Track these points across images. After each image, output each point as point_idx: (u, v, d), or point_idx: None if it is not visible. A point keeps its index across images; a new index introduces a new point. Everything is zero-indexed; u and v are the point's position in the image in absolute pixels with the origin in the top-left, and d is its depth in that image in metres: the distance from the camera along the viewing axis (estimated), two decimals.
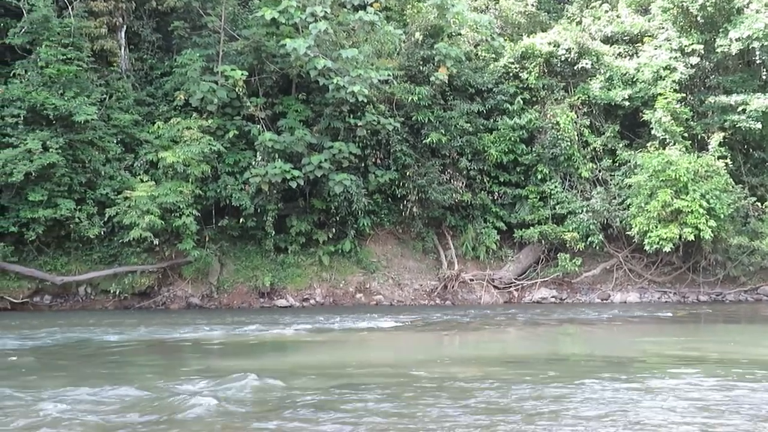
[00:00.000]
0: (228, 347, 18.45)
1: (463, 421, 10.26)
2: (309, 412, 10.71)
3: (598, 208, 29.88)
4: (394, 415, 10.51)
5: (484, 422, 10.16)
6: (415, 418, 10.35)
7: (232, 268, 28.59)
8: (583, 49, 31.43)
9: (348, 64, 27.28)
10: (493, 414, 10.62)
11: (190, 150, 26.27)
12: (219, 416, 10.44)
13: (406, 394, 11.92)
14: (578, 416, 10.51)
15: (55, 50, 26.47)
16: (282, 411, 10.81)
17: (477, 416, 10.47)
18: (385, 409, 10.92)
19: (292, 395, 11.85)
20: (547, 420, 10.31)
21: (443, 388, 12.46)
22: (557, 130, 30.40)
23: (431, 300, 29.57)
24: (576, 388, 12.45)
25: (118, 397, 11.67)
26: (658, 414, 10.64)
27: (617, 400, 11.54)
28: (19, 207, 25.45)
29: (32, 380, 13.12)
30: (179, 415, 10.49)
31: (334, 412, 10.73)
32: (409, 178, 29.85)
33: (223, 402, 11.12)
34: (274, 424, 10.07)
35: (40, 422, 10.10)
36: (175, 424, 10.08)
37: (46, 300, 26.58)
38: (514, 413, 10.67)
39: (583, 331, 22.62)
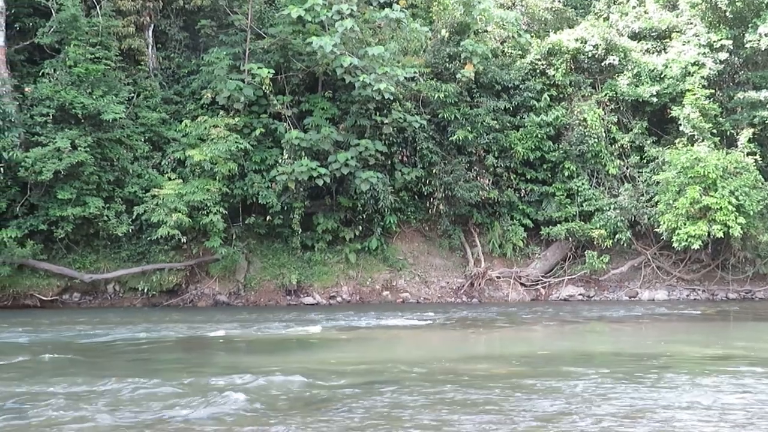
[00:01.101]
0: (255, 344, 18.51)
1: (488, 418, 10.23)
2: (335, 409, 10.73)
3: (626, 205, 29.68)
4: (419, 413, 10.50)
5: (509, 420, 10.13)
6: (440, 416, 10.34)
7: (259, 265, 28.68)
8: (611, 45, 31.21)
9: (374, 62, 27.28)
10: (519, 411, 10.59)
11: (217, 148, 26.37)
12: (246, 413, 10.49)
13: (431, 392, 11.89)
14: (604, 414, 10.46)
15: (83, 49, 26.68)
16: (308, 408, 10.84)
17: (501, 414, 10.45)
18: (411, 406, 10.91)
19: (319, 392, 11.88)
20: (573, 418, 10.26)
21: (469, 385, 12.42)
22: (584, 127, 30.21)
23: (458, 297, 29.51)
24: (603, 386, 12.38)
25: (147, 393, 11.74)
26: (685, 414, 10.56)
27: (644, 399, 11.46)
28: (48, 205, 25.68)
29: (63, 377, 13.21)
30: (207, 411, 10.54)
31: (361, 409, 10.73)
32: (436, 176, 29.80)
33: (250, 399, 11.15)
34: (300, 420, 10.09)
35: (70, 417, 10.18)
36: (202, 420, 10.13)
37: (75, 297, 26.81)
38: (540, 411, 10.64)
39: (610, 329, 22.49)
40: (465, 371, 14.11)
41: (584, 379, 12.96)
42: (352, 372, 13.97)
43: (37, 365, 15.01)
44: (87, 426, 9.83)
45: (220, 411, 10.54)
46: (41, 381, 12.79)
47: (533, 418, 10.25)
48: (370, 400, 11.32)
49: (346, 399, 11.41)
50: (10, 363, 15.08)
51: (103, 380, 12.78)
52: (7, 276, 25.31)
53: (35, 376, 13.39)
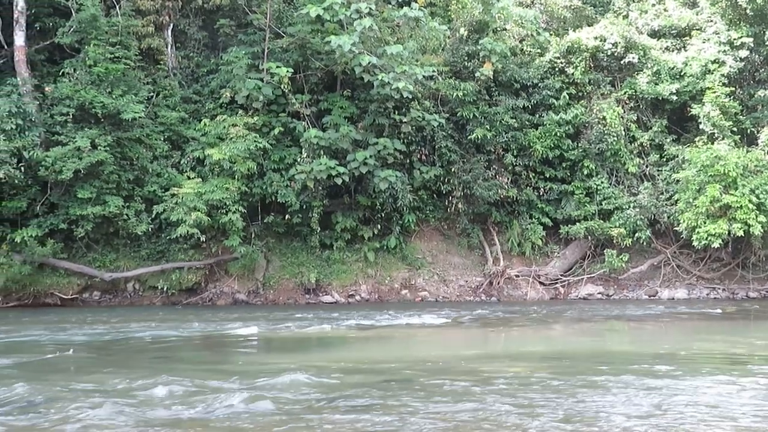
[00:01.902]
0: (274, 343, 18.56)
1: (506, 417, 10.21)
2: (354, 408, 10.73)
3: (646, 204, 29.56)
4: (438, 412, 10.49)
5: (527, 419, 10.10)
6: (460, 415, 10.32)
7: (278, 264, 28.73)
8: (630, 43, 31.09)
9: (393, 61, 27.28)
10: (537, 410, 10.56)
11: (236, 147, 26.42)
12: (264, 412, 10.49)
13: (450, 391, 11.88)
14: (623, 414, 10.41)
15: (103, 49, 26.80)
16: (327, 407, 10.84)
17: (520, 413, 10.41)
18: (430, 405, 10.89)
19: (337, 391, 11.88)
20: (592, 417, 10.23)
21: (488, 384, 12.39)
22: (604, 125, 30.12)
23: (476, 296, 29.47)
24: (622, 385, 12.32)
25: (165, 391, 11.77)
26: (704, 413, 10.50)
27: (664, 398, 11.40)
28: (68, 204, 25.81)
29: (83, 375, 13.28)
30: (224, 410, 10.56)
31: (379, 408, 10.73)
32: (454, 174, 29.77)
33: (268, 397, 11.16)
34: (318, 419, 10.09)
35: (89, 415, 10.23)
36: (220, 419, 10.15)
37: (95, 296, 26.94)
38: (558, 410, 10.60)
39: (630, 328, 22.42)
40: (484, 370, 14.07)
41: (603, 378, 12.90)
42: (370, 370, 13.99)
43: (58, 363, 15.09)
44: (106, 424, 9.87)
45: (237, 410, 10.55)
46: (61, 379, 12.86)
47: (551, 418, 10.20)
48: (387, 399, 11.31)
49: (364, 398, 11.40)
50: (31, 361, 15.17)
51: (122, 378, 12.83)
52: (27, 275, 25.46)
53: (55, 374, 13.47)
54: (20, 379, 12.64)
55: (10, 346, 17.20)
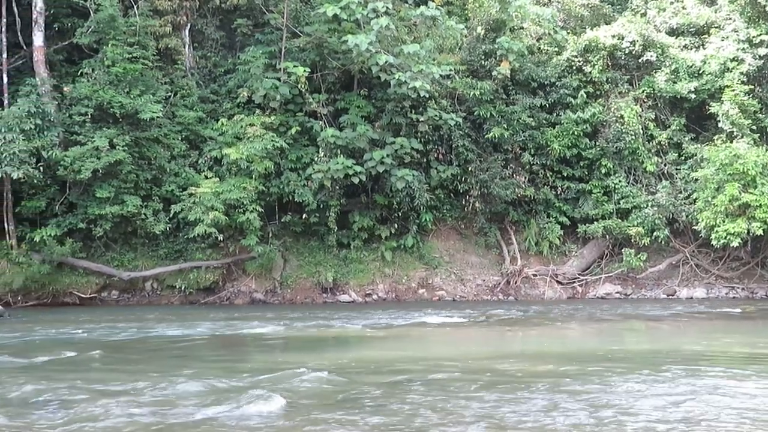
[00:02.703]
0: (291, 342, 18.58)
1: (523, 417, 10.19)
2: (370, 407, 10.74)
3: (664, 203, 29.41)
4: (454, 411, 10.48)
5: (543, 418, 10.08)
6: (474, 413, 10.31)
7: (296, 263, 28.77)
8: (648, 41, 30.94)
9: (410, 60, 27.28)
10: (554, 410, 10.53)
11: (253, 146, 26.47)
12: (281, 410, 10.51)
13: (467, 390, 11.86)
14: (641, 413, 10.37)
15: (121, 49, 26.92)
16: (343, 406, 10.86)
17: (536, 412, 10.39)
18: (446, 404, 10.88)
19: (354, 390, 11.89)
20: (610, 416, 10.19)
21: (505, 383, 12.37)
22: (621, 124, 30.00)
23: (494, 295, 29.42)
24: (641, 384, 12.28)
25: (182, 391, 11.83)
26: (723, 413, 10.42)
27: (682, 398, 11.35)
28: (87, 204, 25.95)
29: (102, 373, 13.36)
30: (241, 409, 10.58)
31: (396, 407, 10.73)
32: (472, 173, 29.72)
33: (285, 396, 11.17)
34: (334, 418, 10.10)
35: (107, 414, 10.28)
36: (237, 417, 10.17)
37: (113, 295, 27.06)
38: (575, 409, 10.56)
39: (648, 327, 22.31)
40: (501, 369, 14.06)
41: (621, 378, 12.85)
42: (387, 370, 13.99)
43: (77, 362, 15.16)
44: (124, 422, 9.92)
45: (254, 409, 10.56)
46: (79, 378, 12.92)
47: (568, 417, 10.17)
48: (404, 397, 11.32)
49: (381, 397, 11.42)
50: (50, 360, 15.24)
51: (140, 377, 12.89)
52: (46, 274, 25.62)
53: (75, 373, 13.53)
54: (38, 378, 12.73)
55: (29, 346, 17.32)
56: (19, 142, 24.45)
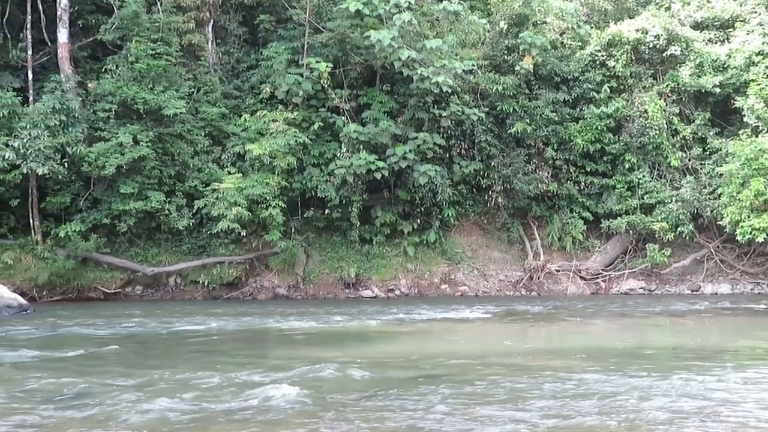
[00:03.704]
0: (313, 337, 18.61)
1: (545, 412, 10.16)
2: (392, 403, 10.73)
3: (688, 198, 29.22)
4: (477, 407, 10.45)
5: (567, 414, 10.04)
6: (495, 409, 10.29)
7: (318, 258, 28.83)
8: (672, 35, 30.72)
9: (432, 55, 27.24)
10: (577, 406, 10.48)
11: (276, 142, 26.53)
12: (303, 405, 10.53)
13: (489, 386, 11.84)
14: (665, 409, 10.30)
15: (144, 45, 27.03)
16: (365, 401, 10.86)
17: (560, 408, 10.34)
18: (469, 400, 10.87)
19: (376, 385, 11.89)
20: (632, 413, 10.14)
21: (528, 379, 12.34)
22: (645, 119, 29.84)
23: (516, 291, 29.37)
24: (664, 381, 12.21)
25: (205, 384, 11.88)
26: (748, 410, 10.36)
27: (705, 394, 11.29)
28: (111, 199, 26.10)
29: (126, 368, 13.42)
30: (263, 403, 10.61)
31: (417, 402, 10.72)
32: (494, 169, 29.68)
33: (307, 391, 11.20)
34: (356, 413, 10.10)
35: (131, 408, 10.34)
36: (259, 412, 10.20)
37: (137, 290, 27.20)
38: (599, 405, 10.52)
39: (672, 323, 22.19)
40: (524, 365, 14.02)
41: (645, 374, 12.79)
42: (409, 365, 13.99)
43: (102, 356, 15.26)
44: (147, 416, 9.97)
45: (275, 403, 10.59)
46: (105, 371, 13.02)
47: (590, 413, 10.14)
48: (426, 393, 11.30)
49: (403, 392, 11.40)
50: (76, 354, 15.34)
51: (164, 371, 12.98)
52: (71, 269, 25.80)
53: (100, 367, 13.63)
54: (64, 372, 12.83)
55: (54, 340, 17.44)
56: (44, 138, 24.62)
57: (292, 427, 9.48)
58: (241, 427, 9.48)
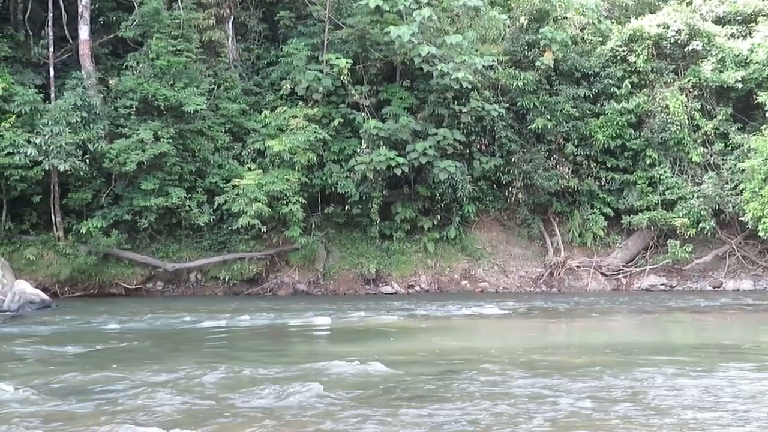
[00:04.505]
0: (333, 333, 18.63)
1: (567, 408, 10.13)
2: (413, 399, 10.72)
3: (710, 194, 29.03)
4: (497, 403, 10.43)
5: (588, 411, 10.00)
6: (516, 406, 10.26)
7: (338, 254, 28.85)
8: (694, 30, 30.52)
9: (452, 51, 27.18)
10: (599, 402, 10.44)
11: (296, 138, 26.56)
12: (323, 401, 10.52)
13: (510, 382, 11.81)
14: (687, 406, 10.25)
15: (165, 42, 27.13)
16: (386, 397, 10.85)
17: (581, 404, 10.29)
18: (490, 396, 10.85)
19: (397, 381, 11.89)
20: (654, 409, 10.09)
21: (549, 375, 12.30)
22: (667, 114, 29.67)
23: (537, 287, 29.29)
24: (686, 377, 12.15)
25: (226, 380, 11.92)
26: None
27: (728, 391, 11.21)
28: (132, 196, 26.21)
29: (147, 363, 13.47)
30: (284, 399, 10.62)
31: (439, 398, 10.71)
32: (515, 165, 29.60)
33: (327, 387, 11.20)
34: (377, 410, 10.09)
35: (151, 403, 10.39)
36: (279, 408, 10.21)
37: (158, 286, 27.33)
38: (621, 402, 10.47)
39: (694, 320, 22.08)
40: (545, 361, 13.99)
41: (666, 370, 12.72)
42: (429, 361, 13.99)
43: (123, 351, 15.35)
44: (170, 411, 10.00)
45: (297, 400, 10.59)
46: (127, 367, 13.07)
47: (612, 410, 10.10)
48: (447, 389, 11.29)
49: (423, 388, 11.40)
50: (98, 349, 15.45)
51: (185, 366, 13.03)
52: (93, 265, 25.94)
53: (121, 362, 13.67)
54: (86, 367, 12.90)
55: (76, 335, 17.52)
56: (66, 134, 24.74)
57: (314, 424, 9.48)
58: (264, 423, 9.48)
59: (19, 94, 25.21)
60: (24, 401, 10.57)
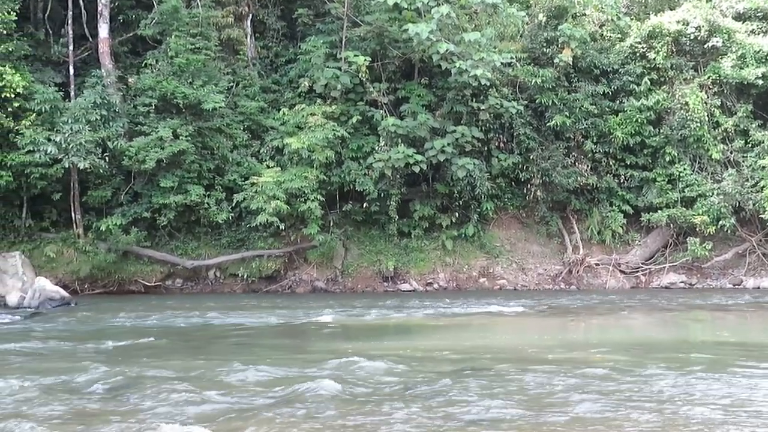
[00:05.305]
0: (352, 330, 18.65)
1: (585, 407, 10.09)
2: (430, 397, 10.71)
3: (730, 191, 28.85)
4: (513, 400, 10.42)
5: (606, 409, 9.95)
6: (537, 404, 10.25)
7: (356, 252, 28.86)
8: (714, 26, 30.34)
9: (470, 48, 27.14)
10: (617, 401, 10.39)
11: (314, 136, 26.59)
12: (340, 399, 10.54)
13: (527, 380, 11.78)
14: (707, 404, 10.19)
15: (184, 40, 27.22)
16: (403, 394, 10.84)
17: (598, 403, 10.24)
18: (505, 393, 10.84)
19: (414, 379, 11.88)
20: (673, 407, 10.05)
21: (567, 373, 12.25)
22: (686, 111, 29.51)
23: (555, 285, 29.21)
24: (705, 375, 12.09)
25: (243, 378, 11.94)
26: None
27: (747, 390, 11.14)
28: (151, 193, 26.33)
29: (166, 360, 13.53)
30: (300, 396, 10.64)
31: (456, 396, 10.69)
32: (533, 162, 29.53)
33: (345, 385, 11.21)
34: (394, 407, 10.08)
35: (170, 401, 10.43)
36: (299, 406, 10.20)
37: (177, 283, 27.42)
38: (640, 400, 10.43)
39: (714, 318, 21.94)
40: (563, 359, 13.93)
41: (685, 368, 12.66)
42: (447, 359, 13.96)
43: (143, 348, 15.40)
44: (189, 409, 10.04)
45: (316, 397, 10.61)
46: (146, 364, 13.13)
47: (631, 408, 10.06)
48: (465, 387, 11.25)
49: (440, 385, 11.35)
50: (118, 346, 15.50)
51: (204, 364, 13.10)
52: (112, 262, 26.09)
53: (140, 359, 13.73)
54: (107, 364, 12.94)
55: (96, 332, 17.63)
56: (86, 132, 24.88)
57: (333, 421, 9.49)
58: (283, 420, 9.49)
59: (39, 93, 25.37)
60: (44, 398, 10.63)
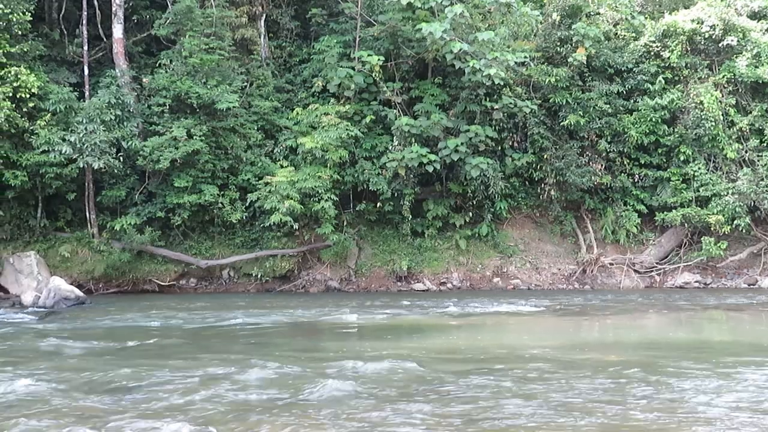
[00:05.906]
0: (366, 330, 18.65)
1: (597, 407, 10.09)
2: (443, 396, 10.74)
3: (745, 190, 28.74)
4: (529, 400, 10.42)
5: (619, 409, 9.95)
6: (550, 404, 10.23)
7: (370, 251, 28.87)
8: (729, 25, 30.23)
9: (484, 47, 27.11)
10: (630, 401, 10.39)
11: (328, 135, 26.60)
12: (354, 398, 10.57)
13: (542, 379, 11.79)
14: (721, 405, 10.19)
15: (198, 40, 27.28)
16: (416, 393, 10.88)
17: (611, 404, 10.25)
18: (521, 393, 10.84)
19: (428, 378, 11.91)
20: (688, 408, 10.03)
21: (580, 373, 12.26)
22: (701, 110, 29.41)
23: (569, 284, 29.16)
24: (720, 376, 12.06)
25: (258, 377, 11.99)
26: None
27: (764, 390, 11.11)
28: (165, 193, 26.40)
29: (180, 360, 13.58)
30: (315, 395, 10.69)
31: (469, 395, 10.71)
32: (547, 161, 29.48)
33: (358, 383, 11.24)
34: (408, 406, 10.12)
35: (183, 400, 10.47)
36: (310, 405, 10.26)
37: (191, 283, 27.48)
38: (654, 400, 10.42)
39: (728, 317, 21.87)
40: (577, 359, 13.94)
41: (700, 368, 12.63)
42: (462, 358, 14.00)
43: (158, 348, 15.47)
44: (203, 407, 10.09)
45: (330, 396, 10.65)
46: (161, 363, 13.18)
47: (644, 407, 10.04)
48: (479, 387, 11.28)
49: (455, 386, 11.39)
50: (133, 345, 15.57)
51: (218, 363, 13.14)
52: (126, 262, 26.16)
53: (156, 359, 13.80)
54: (122, 363, 13.02)
55: (111, 332, 17.70)
56: (100, 132, 24.96)
57: (347, 420, 9.51)
58: (297, 420, 9.53)
59: (54, 93, 25.46)
60: (59, 397, 10.69)
